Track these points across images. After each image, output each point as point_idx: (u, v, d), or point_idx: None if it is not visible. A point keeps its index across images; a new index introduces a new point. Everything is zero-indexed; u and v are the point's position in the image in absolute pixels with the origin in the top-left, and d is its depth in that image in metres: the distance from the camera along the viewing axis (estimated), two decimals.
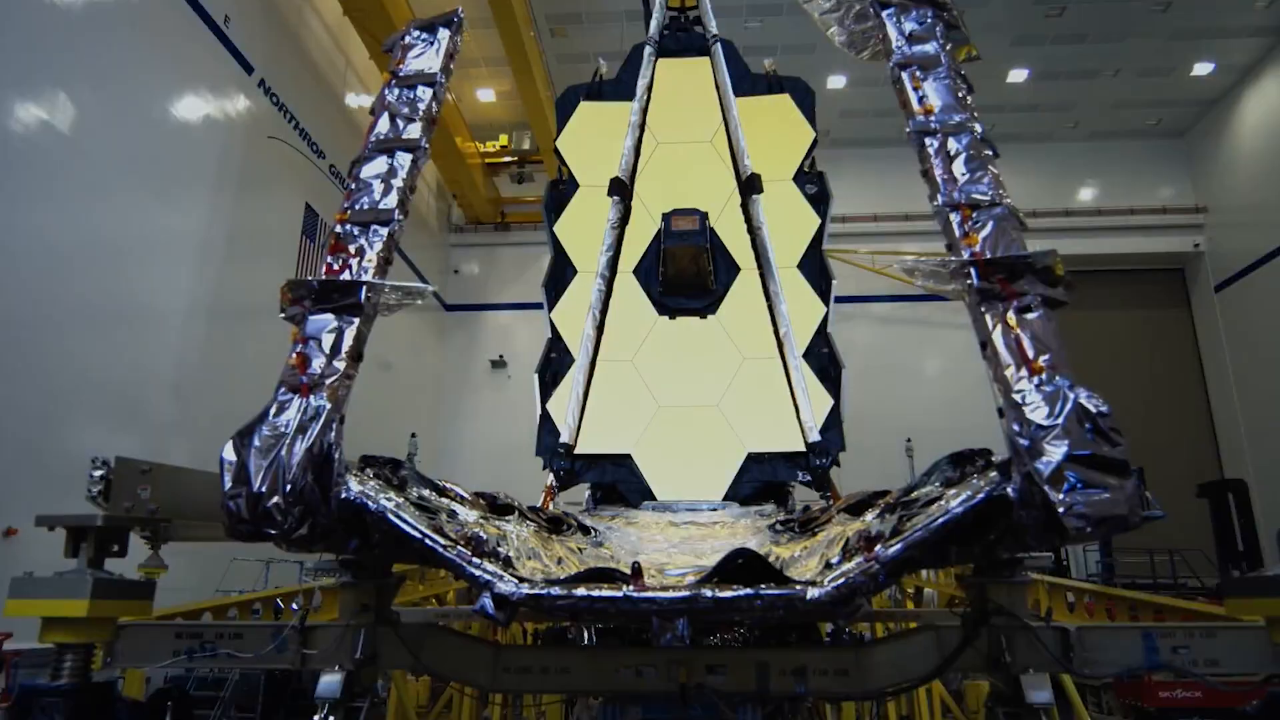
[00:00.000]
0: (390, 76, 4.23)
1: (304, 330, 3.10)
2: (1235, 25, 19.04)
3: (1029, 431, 2.47)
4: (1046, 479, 2.39)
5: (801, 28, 19.28)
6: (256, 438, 2.74)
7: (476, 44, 19.90)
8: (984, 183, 3.23)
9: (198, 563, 10.20)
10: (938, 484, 2.80)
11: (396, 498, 2.78)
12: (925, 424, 19.35)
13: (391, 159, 3.71)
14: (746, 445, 6.94)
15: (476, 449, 21.77)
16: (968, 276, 2.98)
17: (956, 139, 3.34)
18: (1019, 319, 2.78)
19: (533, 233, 22.86)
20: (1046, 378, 2.58)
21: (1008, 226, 3.10)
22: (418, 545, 2.64)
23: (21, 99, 8.96)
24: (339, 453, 2.79)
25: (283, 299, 3.24)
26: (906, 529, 2.50)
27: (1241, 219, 21.18)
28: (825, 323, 7.43)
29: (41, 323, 9.14)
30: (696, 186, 7.82)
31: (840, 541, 2.87)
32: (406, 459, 15.81)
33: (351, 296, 3.17)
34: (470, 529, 2.86)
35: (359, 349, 3.13)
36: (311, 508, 2.67)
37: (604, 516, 5.68)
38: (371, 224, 3.50)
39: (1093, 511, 2.36)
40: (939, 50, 3.74)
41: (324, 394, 2.88)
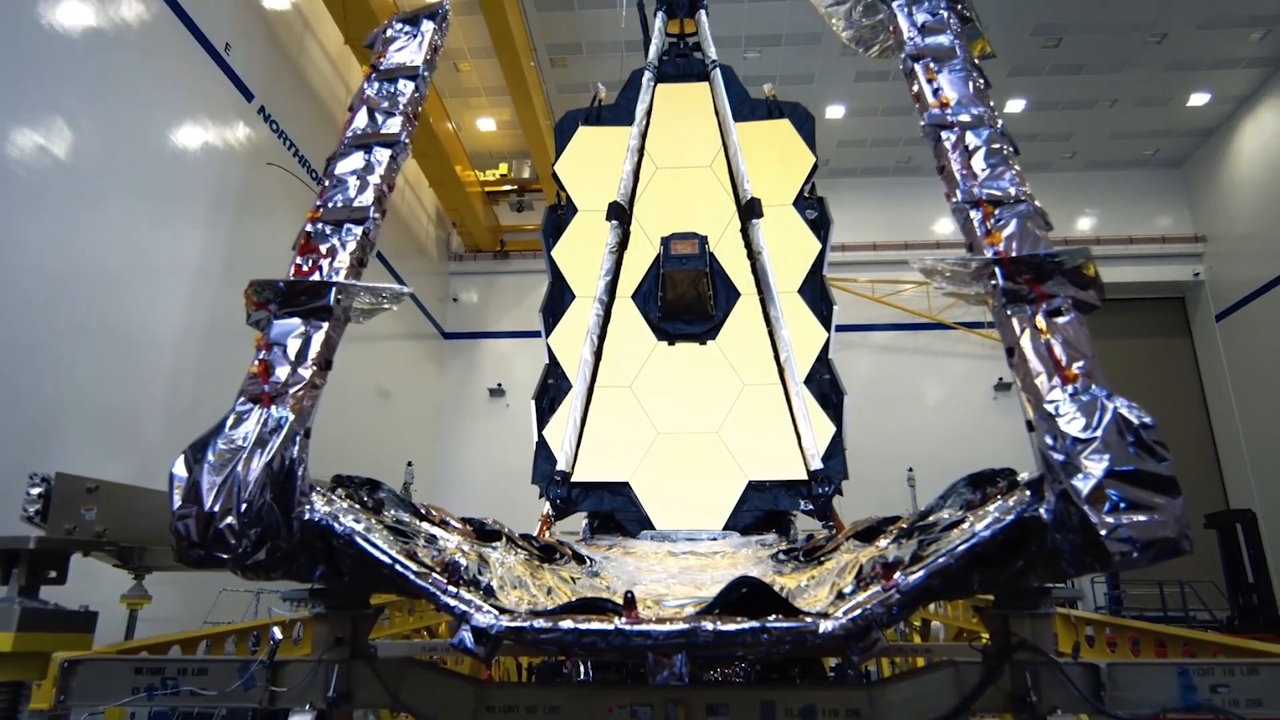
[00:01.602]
0: (370, 70, 4.03)
1: (268, 335, 2.87)
2: (1231, 57, 19.17)
3: (1064, 445, 2.23)
4: (1086, 498, 2.14)
5: (800, 57, 19.44)
6: (210, 452, 2.49)
7: (477, 74, 20.05)
8: (1005, 178, 3.02)
9: (184, 593, 9.97)
10: (957, 507, 2.59)
11: (367, 520, 2.55)
12: (927, 453, 19.16)
13: (369, 154, 3.51)
14: (747, 473, 6.79)
15: (474, 478, 21.57)
16: (992, 277, 2.75)
17: (975, 133, 3.15)
18: (1049, 323, 2.56)
19: (532, 261, 22.86)
20: (1081, 386, 2.36)
21: (1033, 225, 2.89)
22: (387, 572, 2.42)
23: (18, 123, 8.92)
24: (303, 469, 2.55)
25: (247, 302, 3.01)
26: (928, 555, 2.28)
27: (1241, 248, 21.18)
28: (826, 348, 7.32)
29: (34, 345, 9.02)
30: (696, 211, 7.76)
31: (853, 569, 2.66)
32: (402, 488, 15.61)
33: (320, 299, 2.96)
34: (448, 555, 2.63)
35: (328, 356, 2.91)
36: (270, 530, 2.43)
37: (601, 546, 5.52)
38: (345, 222, 3.28)
39: (1140, 534, 2.12)
40: (953, 42, 3.58)
41: (287, 404, 2.62)
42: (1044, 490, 2.28)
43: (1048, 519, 2.23)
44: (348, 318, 3.09)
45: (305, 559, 2.60)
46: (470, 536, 3.16)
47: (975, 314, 22.03)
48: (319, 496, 2.57)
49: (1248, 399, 20.55)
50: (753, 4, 17.86)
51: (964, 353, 22.26)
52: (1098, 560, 2.17)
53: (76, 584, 7.03)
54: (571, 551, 4.10)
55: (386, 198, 3.48)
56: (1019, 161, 3.11)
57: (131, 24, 10.67)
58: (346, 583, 2.74)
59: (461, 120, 21.81)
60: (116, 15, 10.41)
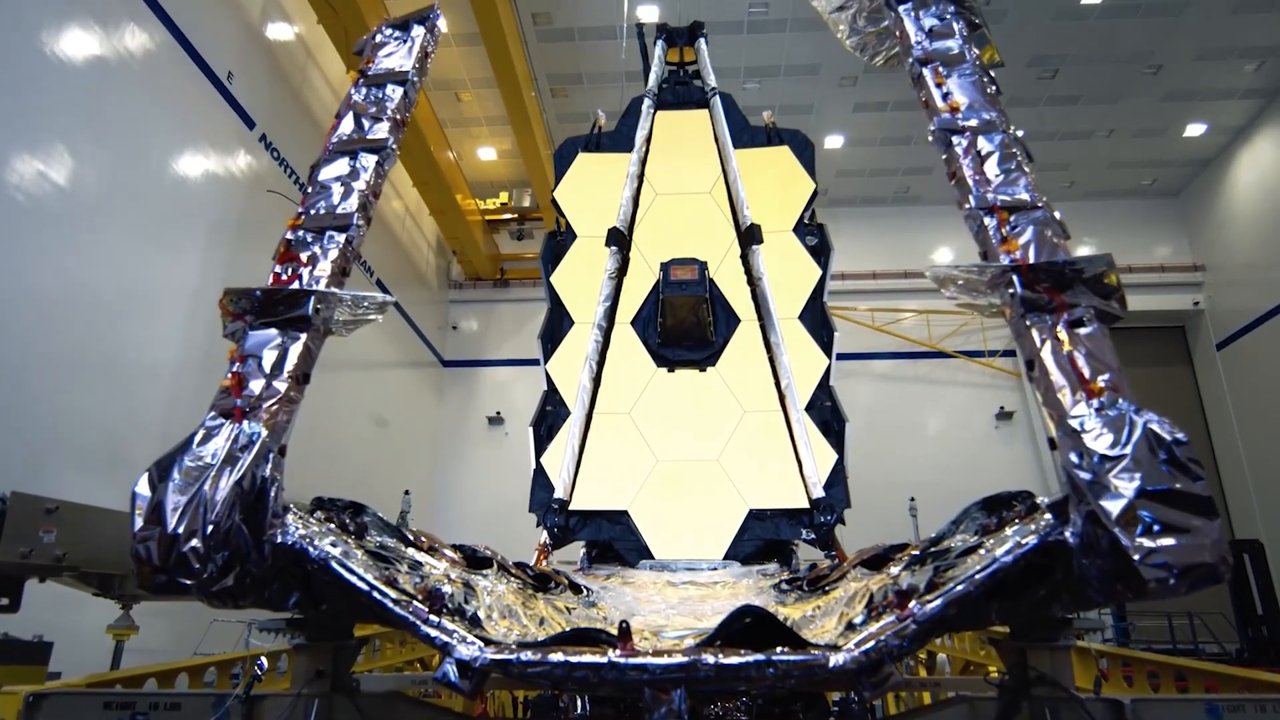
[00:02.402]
0: (358, 76, 3.91)
1: (243, 347, 2.72)
2: (1226, 87, 19.32)
3: (1091, 463, 2.06)
4: (1116, 519, 1.97)
5: (799, 88, 19.59)
6: (176, 470, 2.33)
7: (478, 103, 20.20)
8: (1020, 185, 2.89)
9: (174, 624, 9.79)
10: (971, 533, 2.43)
11: (346, 544, 2.40)
12: (929, 482, 18.99)
13: (354, 160, 3.38)
14: (748, 502, 6.68)
15: (472, 507, 21.38)
16: (1009, 285, 2.59)
17: (987, 138, 3.04)
18: (1070, 334, 2.40)
19: (532, 289, 22.87)
20: (1108, 400, 2.21)
21: (1050, 233, 2.74)
22: (365, 599, 2.26)
23: (19, 149, 8.92)
24: (276, 489, 2.38)
25: (223, 313, 2.86)
26: (945, 582, 2.13)
27: (1240, 277, 21.20)
28: (828, 375, 7.24)
29: (28, 370, 8.94)
30: (696, 238, 7.72)
31: (863, 598, 2.50)
32: (399, 517, 15.43)
33: (298, 308, 2.78)
34: (432, 582, 2.45)
35: (305, 369, 2.74)
36: (239, 553, 2.26)
37: (598, 576, 5.40)
38: (327, 229, 3.15)
39: (1176, 559, 1.94)
40: (962, 46, 3.47)
41: (260, 420, 2.46)
42: (1069, 512, 2.13)
43: (1074, 543, 2.07)
44: (328, 329, 2.92)
45: (278, 585, 2.44)
46: (459, 563, 3.01)
47: (975, 343, 22.04)
48: (295, 519, 2.43)
49: (1250, 428, 20.43)
50: (752, 36, 18.03)
51: (964, 382, 22.18)
52: (1130, 588, 2.01)
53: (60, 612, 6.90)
54: (568, 581, 3.97)
55: (372, 205, 3.35)
56: (1033, 169, 3.00)
57: (135, 53, 10.73)
58: (325, 612, 2.56)
59: (462, 149, 21.95)
60: (120, 44, 10.48)
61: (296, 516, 2.45)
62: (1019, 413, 21.42)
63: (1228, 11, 16.99)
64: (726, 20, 17.17)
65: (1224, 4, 16.82)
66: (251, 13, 13.51)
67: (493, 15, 15.27)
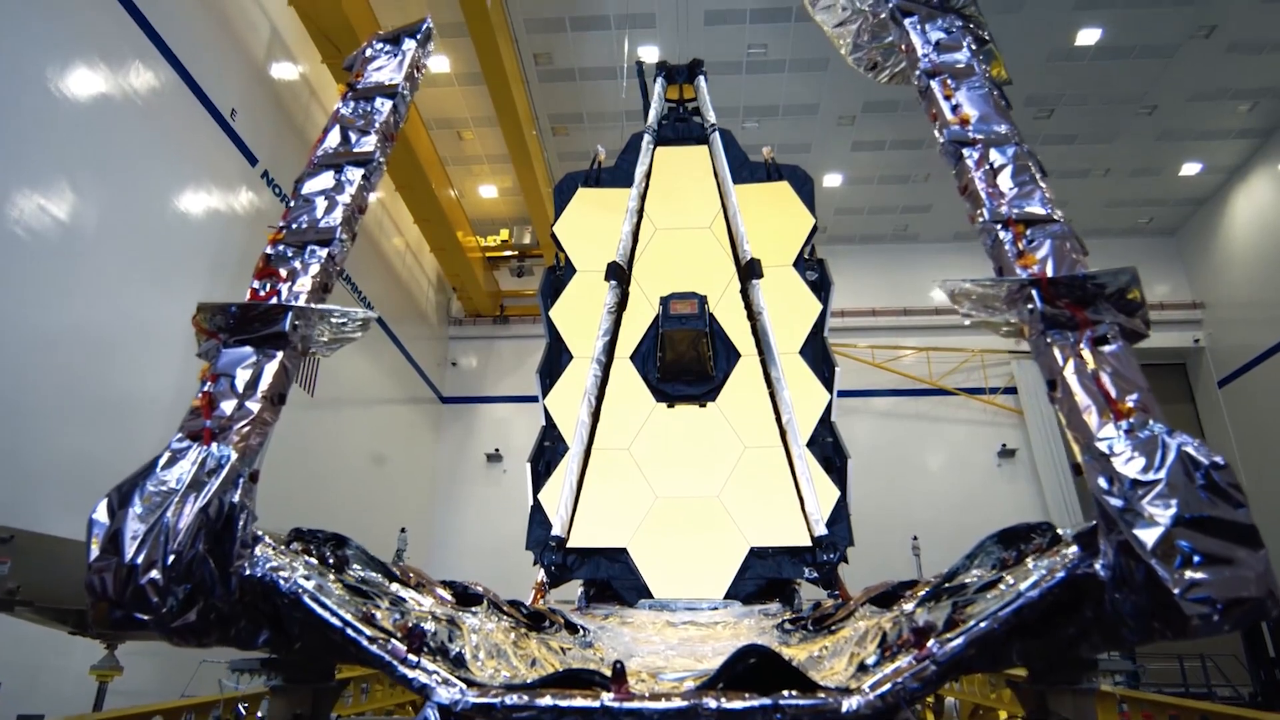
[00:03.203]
0: (346, 89, 3.82)
1: (215, 366, 2.57)
2: (1220, 127, 19.51)
3: (1122, 489, 1.91)
4: (1152, 550, 1.82)
5: (798, 127, 19.79)
6: (138, 495, 2.18)
7: (480, 142, 20.39)
8: (1035, 198, 2.77)
9: (162, 665, 9.57)
10: (987, 567, 2.30)
11: (321, 578, 2.23)
12: (931, 520, 18.79)
13: (340, 174, 3.26)
14: (749, 539, 6.56)
15: (469, 545, 21.13)
16: (1028, 301, 2.44)
17: (1000, 150, 2.93)
18: (1094, 352, 2.25)
19: (532, 326, 22.87)
20: (1137, 421, 2.05)
21: (1069, 247, 2.61)
22: (338, 637, 2.10)
23: (19, 185, 8.94)
24: (245, 517, 2.22)
25: (196, 330, 2.72)
26: (966, 619, 1.98)
27: (1240, 315, 21.21)
28: (829, 410, 7.17)
29: (23, 407, 8.85)
30: (695, 272, 7.70)
31: (875, 637, 2.34)
32: (395, 554, 15.22)
33: (274, 324, 2.64)
34: (413, 619, 2.28)
35: (281, 389, 2.61)
36: (203, 586, 2.09)
37: (596, 615, 5.26)
38: (309, 244, 3.01)
39: (1220, 593, 1.79)
40: (971, 59, 3.38)
41: (230, 442, 2.32)
42: (1098, 543, 1.98)
43: (1105, 577, 1.92)
44: (307, 348, 2.80)
45: (246, 622, 2.26)
46: (447, 600, 2.87)
47: (976, 380, 21.96)
48: (267, 549, 2.27)
49: (1255, 466, 20.27)
50: (751, 76, 18.26)
51: (966, 419, 22.06)
52: (1170, 625, 1.85)
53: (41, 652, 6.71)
54: (564, 620, 3.83)
55: (357, 219, 3.23)
56: (1047, 183, 2.89)
57: (140, 90, 10.82)
58: (300, 651, 2.37)
59: (464, 187, 22.11)
60: (125, 82, 10.57)
61: (269, 547, 2.30)
62: (1021, 450, 21.28)
63: (1220, 53, 17.22)
64: (726, 61, 17.40)
65: (1216, 46, 17.05)
66: (256, 52, 13.67)
67: (495, 56, 15.46)
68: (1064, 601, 1.98)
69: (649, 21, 16.98)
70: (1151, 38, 16.92)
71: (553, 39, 17.52)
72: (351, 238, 3.14)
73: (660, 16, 16.85)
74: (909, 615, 2.30)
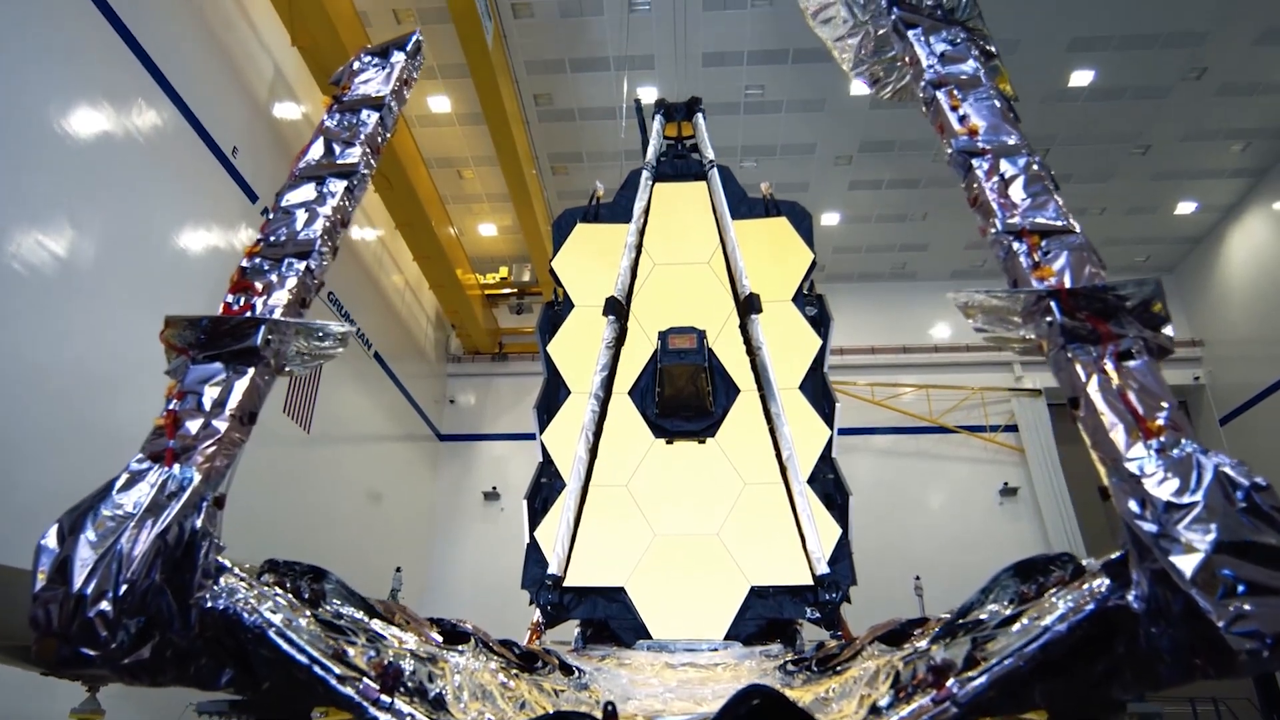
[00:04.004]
0: (331, 103, 3.70)
1: (183, 383, 2.46)
2: (1214, 167, 19.69)
3: (1155, 513, 1.75)
4: (1192, 579, 1.64)
5: (796, 166, 19.96)
6: (91, 520, 2.00)
7: (480, 181, 20.55)
8: (1050, 209, 2.65)
9: (147, 707, 9.32)
10: (1004, 602, 2.12)
11: (291, 612, 2.04)
12: (933, 560, 18.58)
13: (321, 186, 3.14)
14: (749, 578, 6.43)
15: (466, 584, 20.81)
16: (1046, 313, 2.28)
17: (1011, 160, 2.82)
18: (1119, 367, 2.09)
19: (530, 363, 22.81)
20: (1169, 440, 1.92)
21: (1087, 259, 2.46)
22: (304, 674, 1.91)
23: (20, 222, 8.94)
24: (208, 544, 2.04)
25: (166, 347, 2.58)
26: (988, 656, 1.81)
27: (1239, 352, 21.19)
28: (829, 446, 7.08)
29: (20, 442, 8.75)
30: (694, 308, 7.67)
31: (888, 677, 2.19)
32: (390, 594, 14.98)
33: (246, 339, 2.50)
34: (389, 656, 2.09)
35: (251, 408, 2.44)
36: (159, 619, 1.90)
37: (593, 657, 5.12)
38: (287, 257, 2.88)
39: (1269, 626, 1.59)
40: (978, 70, 3.28)
41: (194, 464, 2.15)
42: (1129, 572, 1.80)
43: (1139, 609, 1.73)
44: (281, 365, 2.63)
45: (207, 659, 2.06)
46: (431, 638, 2.68)
47: (976, 418, 21.86)
48: (234, 580, 2.08)
49: None
50: (748, 116, 18.47)
51: (966, 457, 21.92)
52: (1213, 662, 1.66)
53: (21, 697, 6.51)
54: (558, 661, 3.69)
55: (339, 232, 3.09)
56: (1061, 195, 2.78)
57: (142, 128, 10.90)
58: (269, 691, 2.14)
59: (464, 225, 22.23)
60: (128, 120, 10.65)
61: (235, 578, 2.11)
62: (1023, 488, 21.10)
63: (1211, 94, 17.45)
64: (724, 102, 17.61)
65: (1207, 87, 17.28)
66: (259, 90, 13.82)
67: (495, 96, 15.64)
68: (1093, 637, 1.81)
69: (648, 63, 17.22)
70: (1144, 79, 17.15)
71: (553, 80, 17.75)
72: (333, 251, 2.99)
73: (659, 58, 17.08)
74: (924, 653, 2.15)
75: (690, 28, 16.28)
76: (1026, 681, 1.81)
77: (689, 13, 15.95)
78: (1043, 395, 21.55)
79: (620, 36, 16.30)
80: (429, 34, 16.09)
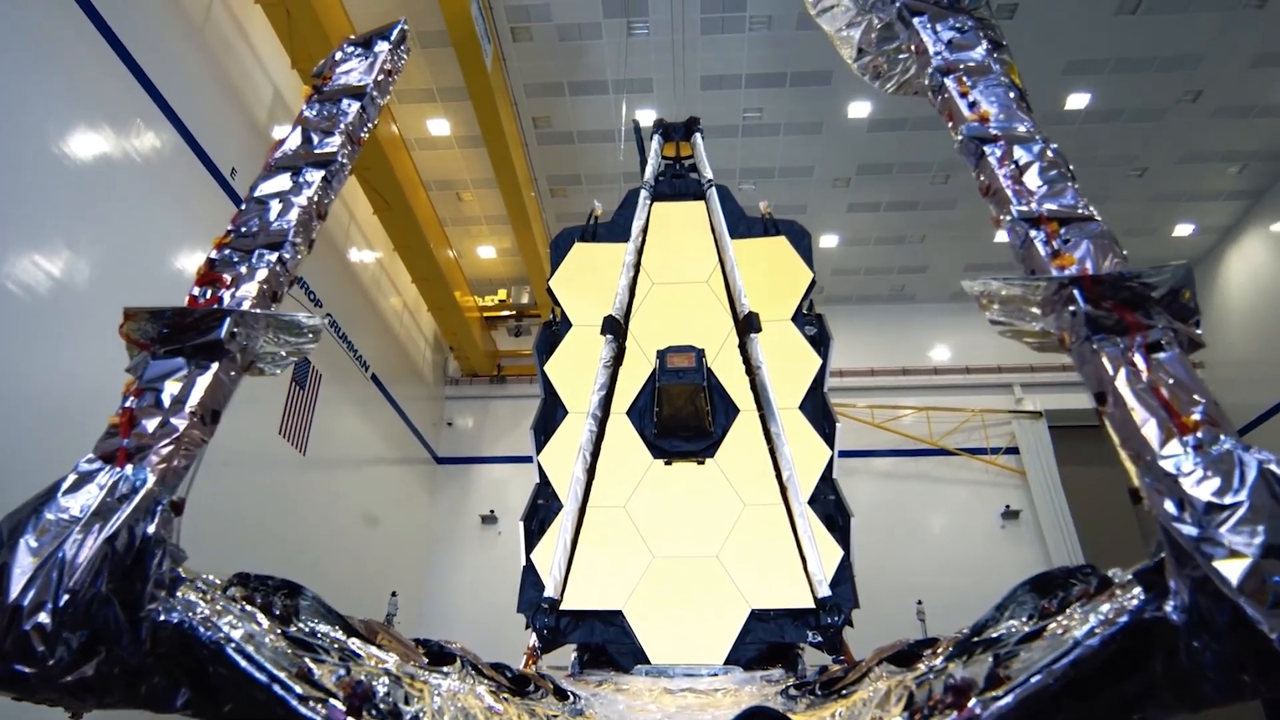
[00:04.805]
0: (311, 93, 3.52)
1: (141, 379, 2.24)
2: (1211, 189, 19.76)
3: (1195, 515, 1.58)
4: (1239, 586, 1.48)
5: (794, 188, 20.01)
6: (33, 525, 1.81)
7: (479, 203, 20.58)
8: (1068, 195, 2.51)
9: None
10: (1023, 618, 2.00)
11: (253, 626, 1.87)
12: (934, 584, 18.35)
13: (298, 176, 2.97)
14: (750, 601, 6.30)
15: (463, 608, 20.56)
16: (1069, 302, 2.13)
17: (1024, 148, 2.70)
18: (1149, 360, 1.95)
19: (529, 386, 22.73)
20: (1206, 436, 1.73)
21: (1109, 248, 2.32)
22: (262, 695, 1.74)
23: (16, 242, 8.90)
24: (163, 553, 1.86)
25: (127, 343, 2.41)
26: (1013, 674, 1.65)
27: (1239, 374, 21.11)
28: (830, 467, 6.98)
29: (17, 468, 8.63)
30: (693, 327, 7.60)
31: (900, 699, 2.04)
32: (385, 619, 14.74)
33: (210, 332, 2.32)
34: (358, 674, 1.92)
35: (215, 405, 2.27)
36: (106, 633, 1.72)
37: (589, 682, 4.99)
38: (258, 249, 2.74)
39: None
40: (987, 57, 3.14)
41: (149, 464, 1.98)
42: (1166, 581, 1.63)
43: (1178, 620, 1.57)
44: (249, 361, 2.46)
45: (160, 679, 1.86)
46: (415, 659, 2.52)
47: (977, 440, 21.75)
48: (192, 593, 1.90)
49: None
50: (746, 139, 18.54)
51: (968, 480, 21.77)
52: (1266, 678, 1.51)
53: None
54: (553, 686, 3.57)
55: (315, 224, 2.93)
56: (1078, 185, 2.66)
57: (141, 150, 10.90)
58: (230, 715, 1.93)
59: (462, 247, 22.24)
60: (126, 141, 10.65)
61: (194, 590, 1.94)
62: (1025, 512, 20.93)
63: (1207, 117, 17.54)
64: (722, 124, 17.68)
65: (1203, 110, 17.37)
66: (258, 113, 13.86)
67: (494, 119, 15.70)
68: (1128, 653, 1.64)
69: (646, 86, 17.31)
70: (1140, 102, 17.25)
71: (552, 102, 17.84)
72: (308, 244, 2.84)
73: (658, 81, 17.18)
74: (941, 672, 2.00)
75: (688, 51, 16.39)
76: (1055, 701, 1.64)
77: (687, 36, 16.06)
78: (1044, 418, 21.45)
79: (619, 60, 16.40)
80: (429, 57, 16.24)
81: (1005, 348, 25.58)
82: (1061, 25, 15.53)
